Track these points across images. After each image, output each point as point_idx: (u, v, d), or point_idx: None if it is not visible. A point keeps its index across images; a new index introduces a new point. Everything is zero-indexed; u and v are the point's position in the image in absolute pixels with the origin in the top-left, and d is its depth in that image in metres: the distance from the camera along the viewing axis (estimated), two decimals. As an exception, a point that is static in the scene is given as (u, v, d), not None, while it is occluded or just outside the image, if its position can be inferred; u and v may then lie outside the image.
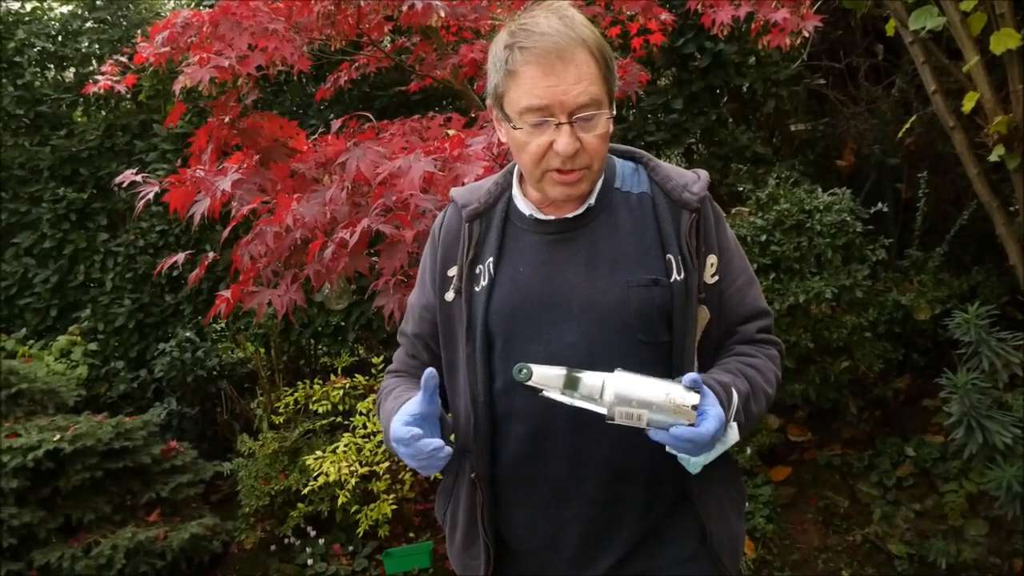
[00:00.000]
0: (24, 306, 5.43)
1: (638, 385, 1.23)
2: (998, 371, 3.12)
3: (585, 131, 1.31)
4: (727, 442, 1.33)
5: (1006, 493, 3.00)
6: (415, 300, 1.57)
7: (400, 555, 3.79)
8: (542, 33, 1.29)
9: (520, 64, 1.29)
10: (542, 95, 1.28)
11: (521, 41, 1.30)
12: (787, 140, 5.18)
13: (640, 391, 1.22)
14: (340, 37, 3.22)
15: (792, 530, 3.62)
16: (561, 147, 1.30)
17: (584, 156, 1.32)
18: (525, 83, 1.29)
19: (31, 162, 5.57)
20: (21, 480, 3.54)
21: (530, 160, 1.34)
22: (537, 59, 1.28)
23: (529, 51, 1.29)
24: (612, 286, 1.37)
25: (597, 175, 1.38)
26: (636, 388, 1.22)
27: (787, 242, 3.63)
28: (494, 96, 1.37)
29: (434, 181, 2.47)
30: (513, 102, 1.32)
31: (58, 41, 5.88)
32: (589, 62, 1.29)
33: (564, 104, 1.28)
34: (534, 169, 1.35)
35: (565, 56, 1.28)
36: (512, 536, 1.47)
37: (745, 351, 1.45)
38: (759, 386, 1.40)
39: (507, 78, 1.32)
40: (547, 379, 1.26)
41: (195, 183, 2.68)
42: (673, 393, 1.22)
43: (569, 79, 1.28)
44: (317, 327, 4.99)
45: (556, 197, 1.38)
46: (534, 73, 1.28)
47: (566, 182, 1.34)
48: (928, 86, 3.43)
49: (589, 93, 1.29)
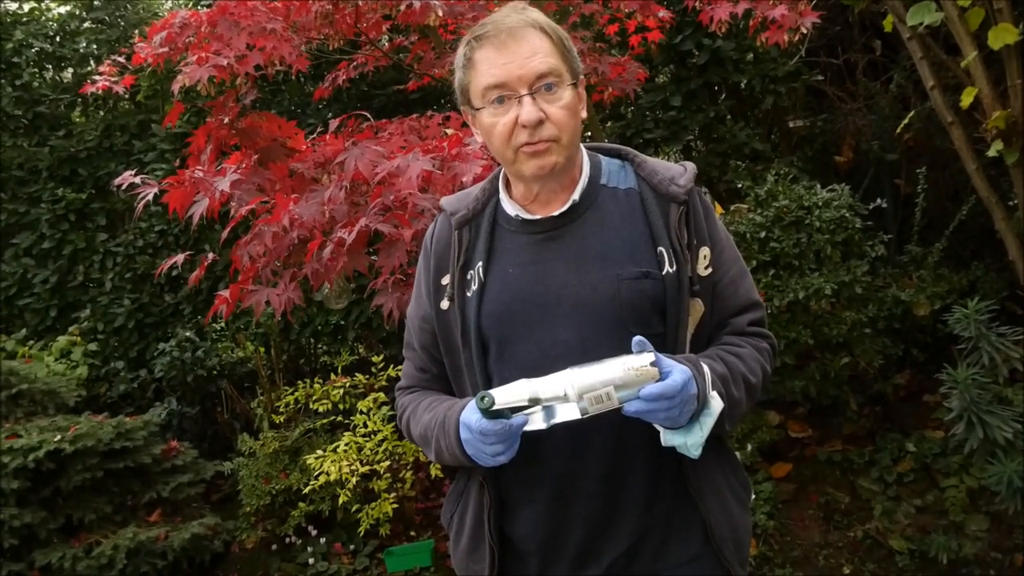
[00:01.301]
0: (24, 306, 5.43)
1: (595, 370, 1.24)
2: (998, 366, 3.12)
3: (548, 102, 1.34)
4: (711, 412, 1.30)
5: (1007, 488, 3.00)
6: (413, 313, 1.57)
7: (401, 553, 3.80)
8: (492, 22, 1.36)
9: (476, 51, 1.36)
10: (498, 73, 1.33)
11: (475, 33, 1.37)
12: (785, 136, 5.18)
13: (599, 375, 1.23)
14: (338, 36, 3.22)
15: (793, 526, 3.62)
16: (524, 115, 1.32)
17: (550, 127, 1.34)
18: (481, 67, 1.35)
19: (30, 163, 5.57)
20: (22, 481, 3.54)
21: (500, 141, 1.37)
22: (490, 42, 1.34)
23: (482, 38, 1.36)
24: (602, 281, 1.37)
25: (569, 149, 1.39)
26: (594, 374, 1.23)
27: (786, 239, 3.63)
28: (461, 95, 1.42)
29: (432, 180, 2.47)
30: (476, 89, 1.37)
31: (56, 41, 5.87)
32: (541, 38, 1.35)
33: (522, 78, 1.33)
34: (505, 149, 1.37)
35: (516, 34, 1.34)
36: (517, 536, 1.48)
37: (731, 341, 1.45)
38: (738, 371, 1.39)
39: (467, 69, 1.39)
40: (510, 395, 1.25)
41: (194, 183, 2.68)
42: (628, 361, 1.23)
43: (523, 53, 1.33)
44: (317, 326, 4.99)
45: (530, 173, 1.38)
46: (489, 55, 1.34)
47: (536, 152, 1.35)
48: (926, 81, 3.43)
49: (547, 63, 1.33)
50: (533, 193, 1.43)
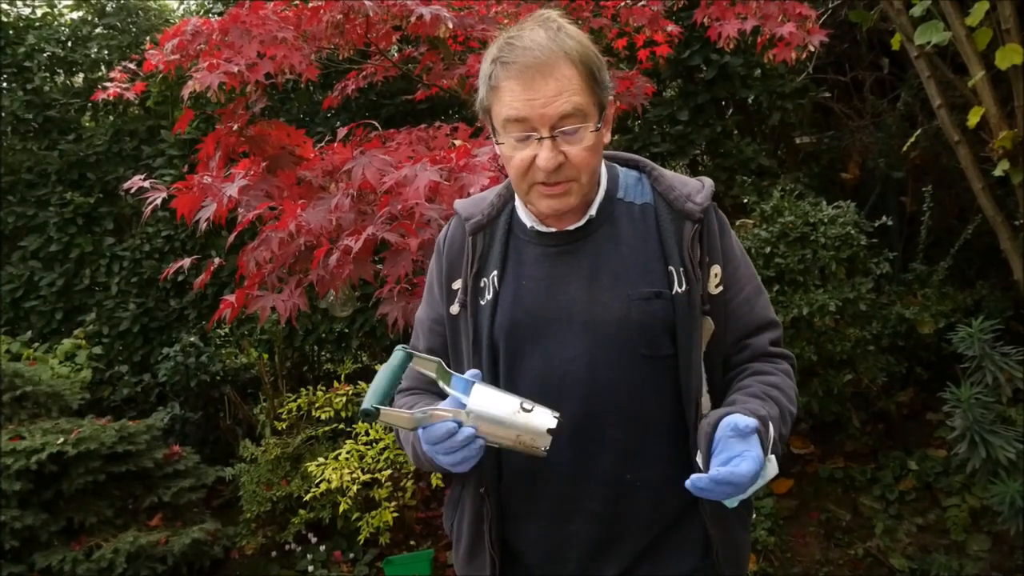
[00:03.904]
0: (30, 309, 5.45)
1: (495, 405, 1.24)
2: (1001, 386, 3.12)
3: (569, 144, 1.30)
4: (767, 476, 1.27)
5: (1009, 508, 3.00)
6: (423, 315, 1.56)
7: (401, 563, 3.79)
8: (524, 48, 1.29)
9: (502, 79, 1.30)
10: (520, 108, 1.29)
11: (504, 56, 1.30)
12: (792, 152, 5.19)
13: (496, 410, 1.24)
14: (348, 46, 3.24)
15: (794, 543, 3.61)
16: (542, 161, 1.29)
17: (569, 169, 1.32)
18: (505, 97, 1.30)
19: (39, 166, 5.59)
20: (24, 483, 3.55)
21: (516, 174, 1.35)
22: (518, 74, 1.28)
23: (510, 66, 1.29)
24: (613, 300, 1.36)
25: (588, 188, 1.37)
26: (494, 407, 1.24)
27: (791, 254, 3.63)
28: (482, 109, 1.38)
29: (440, 190, 2.48)
30: (497, 116, 1.34)
31: (68, 47, 5.91)
32: (571, 74, 1.29)
33: (544, 117, 1.28)
34: (521, 183, 1.35)
35: (544, 70, 1.27)
36: (517, 549, 1.47)
37: (762, 368, 1.42)
38: (785, 408, 1.37)
39: (491, 92, 1.33)
40: (397, 419, 1.27)
41: (202, 189, 2.70)
42: (531, 422, 1.23)
43: (549, 92, 1.27)
44: (321, 334, 5.00)
45: (544, 211, 1.38)
46: (513, 87, 1.29)
47: (552, 194, 1.34)
48: (933, 100, 3.44)
49: (572, 103, 1.28)
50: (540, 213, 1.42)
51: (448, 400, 1.29)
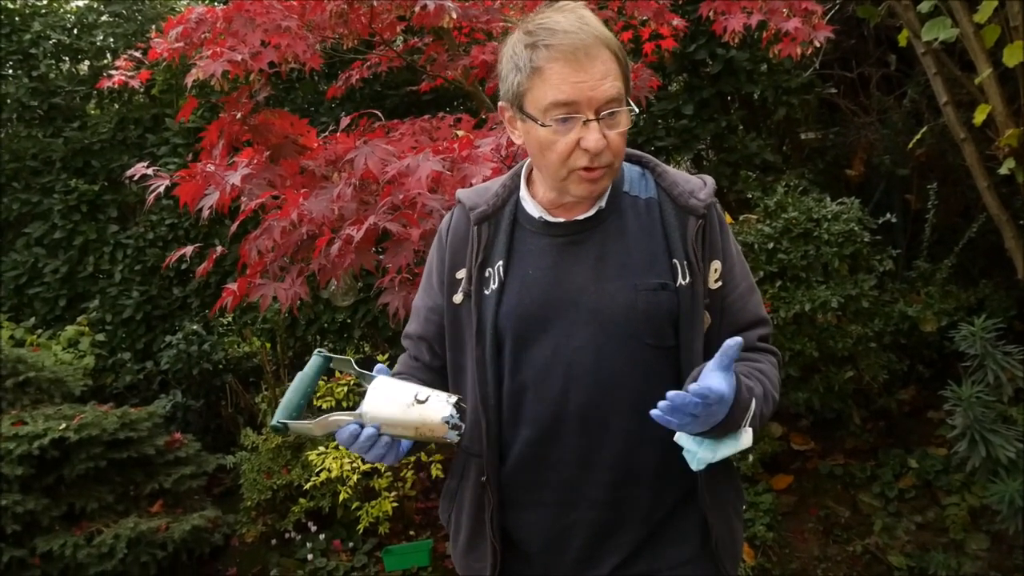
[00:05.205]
0: (33, 296, 5.46)
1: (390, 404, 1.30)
2: (1003, 385, 3.12)
3: (610, 128, 1.32)
4: (738, 444, 1.31)
5: (1008, 507, 3.00)
6: (420, 302, 1.57)
7: (400, 552, 3.80)
8: (565, 31, 1.29)
9: (546, 60, 1.29)
10: (570, 91, 1.28)
11: (545, 39, 1.29)
12: (797, 148, 5.17)
13: (391, 411, 1.30)
14: (352, 36, 3.23)
15: (792, 539, 3.61)
16: (591, 143, 1.29)
17: (608, 154, 1.33)
18: (553, 79, 1.29)
19: (43, 153, 5.60)
20: (26, 468, 3.56)
21: (557, 159, 1.33)
22: (564, 55, 1.28)
23: (555, 48, 1.28)
24: (620, 290, 1.37)
25: (616, 173, 1.39)
26: (388, 408, 1.30)
27: (794, 250, 3.63)
28: (513, 96, 1.35)
29: (442, 181, 2.48)
30: (538, 100, 1.31)
31: (73, 34, 5.92)
32: (612, 59, 1.31)
33: (592, 100, 1.28)
34: (560, 168, 1.34)
35: (591, 52, 1.28)
36: (519, 538, 1.48)
37: (749, 356, 1.45)
38: (769, 390, 1.40)
39: (532, 76, 1.31)
40: (306, 431, 1.31)
41: (205, 177, 2.70)
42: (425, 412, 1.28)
43: (596, 75, 1.28)
44: (323, 323, 5.01)
45: (579, 195, 1.38)
46: (561, 69, 1.28)
47: (591, 179, 1.34)
48: (940, 97, 3.43)
49: (616, 87, 1.30)
50: (563, 200, 1.43)
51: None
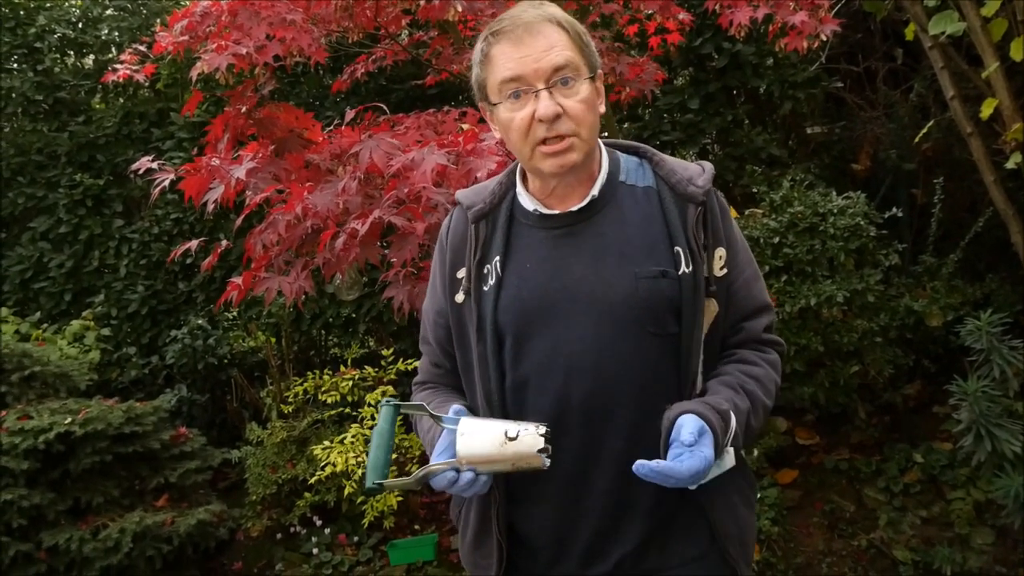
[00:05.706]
0: (39, 290, 5.47)
1: (481, 443, 1.29)
2: (1009, 379, 3.11)
3: (566, 96, 1.33)
4: (723, 466, 1.34)
5: (1013, 502, 2.99)
6: (428, 307, 1.57)
7: (405, 547, 3.81)
8: (510, 17, 1.36)
9: (492, 47, 1.36)
10: (514, 66, 1.33)
11: (493, 29, 1.37)
12: (803, 143, 5.16)
13: (483, 449, 1.29)
14: (358, 30, 3.23)
15: (797, 533, 3.61)
16: (541, 110, 1.32)
17: (567, 122, 1.34)
18: (499, 60, 1.35)
19: (48, 147, 5.60)
20: (31, 462, 3.57)
21: (517, 137, 1.36)
22: (506, 37, 1.34)
23: (499, 33, 1.35)
24: (620, 278, 1.37)
25: (588, 145, 1.38)
26: (480, 447, 1.29)
27: (800, 245, 3.62)
28: (479, 89, 1.42)
29: (447, 174, 2.48)
30: (492, 84, 1.37)
31: (78, 28, 5.91)
32: (559, 32, 1.35)
33: (538, 71, 1.32)
34: (523, 145, 1.37)
35: (532, 29, 1.34)
36: (525, 533, 1.48)
37: (748, 358, 1.45)
38: (759, 400, 1.40)
39: (483, 65, 1.39)
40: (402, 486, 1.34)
41: (210, 171, 2.70)
42: (519, 448, 1.27)
43: (539, 47, 1.33)
44: (328, 318, 5.01)
45: (550, 171, 1.38)
46: (505, 49, 1.34)
47: (555, 151, 1.35)
48: (946, 91, 3.41)
49: (563, 56, 1.33)
50: (550, 188, 1.43)
51: (444, 434, 1.36)
